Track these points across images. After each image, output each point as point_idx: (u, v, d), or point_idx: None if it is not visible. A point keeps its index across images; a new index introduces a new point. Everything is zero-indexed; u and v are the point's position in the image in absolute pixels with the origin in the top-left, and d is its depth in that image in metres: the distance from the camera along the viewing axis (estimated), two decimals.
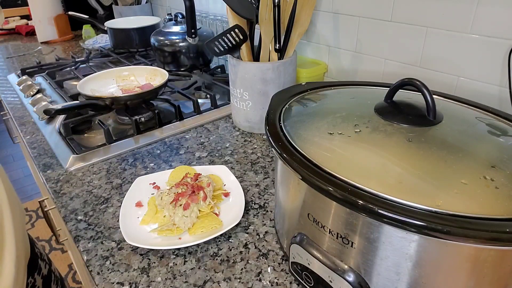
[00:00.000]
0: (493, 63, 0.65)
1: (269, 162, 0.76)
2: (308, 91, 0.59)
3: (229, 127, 0.91)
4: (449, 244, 0.33)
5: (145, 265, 0.53)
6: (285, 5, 0.78)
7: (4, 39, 1.90)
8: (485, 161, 0.39)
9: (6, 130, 1.47)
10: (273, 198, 0.66)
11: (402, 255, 0.35)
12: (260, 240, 0.57)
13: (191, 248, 0.56)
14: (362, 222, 0.36)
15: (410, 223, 0.32)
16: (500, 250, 0.33)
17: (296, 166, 0.39)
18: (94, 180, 0.73)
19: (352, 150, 0.42)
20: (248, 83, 0.81)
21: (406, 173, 0.38)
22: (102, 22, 1.53)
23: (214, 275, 0.51)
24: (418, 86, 0.44)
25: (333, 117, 0.48)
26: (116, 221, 0.61)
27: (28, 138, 0.89)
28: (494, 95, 0.67)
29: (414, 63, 0.77)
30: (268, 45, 0.81)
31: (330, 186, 0.36)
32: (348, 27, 0.87)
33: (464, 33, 0.67)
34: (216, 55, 0.78)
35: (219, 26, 1.24)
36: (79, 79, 0.99)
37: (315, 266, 0.43)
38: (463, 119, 0.49)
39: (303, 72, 0.92)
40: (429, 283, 0.36)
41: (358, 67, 0.89)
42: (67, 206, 0.66)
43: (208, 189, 0.61)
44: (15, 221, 0.50)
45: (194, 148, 0.82)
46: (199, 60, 1.19)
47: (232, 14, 0.79)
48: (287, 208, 0.48)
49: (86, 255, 0.55)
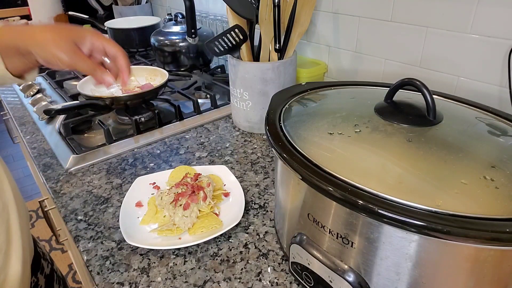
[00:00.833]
0: (493, 63, 0.65)
1: (269, 162, 0.76)
2: (308, 91, 0.58)
3: (229, 127, 0.91)
4: (449, 244, 0.33)
5: (145, 265, 0.53)
6: (285, 5, 0.78)
7: None
8: (485, 161, 0.39)
9: (6, 130, 1.47)
10: (273, 198, 0.66)
11: (402, 255, 0.35)
12: (260, 240, 0.57)
13: (191, 248, 0.56)
14: (362, 222, 0.36)
15: (410, 223, 0.32)
16: (500, 250, 0.33)
17: (296, 166, 0.39)
18: (94, 180, 0.73)
19: (352, 150, 0.42)
20: (248, 83, 0.81)
21: (406, 173, 0.38)
22: (102, 22, 1.53)
23: (214, 275, 0.51)
24: (418, 86, 0.44)
25: (333, 117, 0.48)
26: (116, 221, 0.61)
27: (28, 138, 0.89)
28: (494, 95, 0.67)
29: (414, 63, 0.77)
30: (268, 45, 0.81)
31: (330, 186, 0.36)
32: (348, 27, 0.87)
33: (464, 33, 0.67)
34: (216, 55, 0.78)
35: (219, 26, 1.24)
36: (79, 79, 0.99)
37: (315, 266, 0.43)
38: (463, 119, 0.49)
39: (303, 72, 0.92)
40: (429, 283, 0.36)
41: (358, 67, 0.89)
42: (67, 206, 0.66)
43: (208, 189, 0.61)
44: (21, 220, 0.50)
45: (194, 148, 0.82)
46: (199, 60, 1.19)
47: (232, 14, 0.79)
48: (287, 208, 0.48)
49: (86, 255, 0.55)
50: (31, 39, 0.49)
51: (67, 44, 0.50)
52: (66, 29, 0.51)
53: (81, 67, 0.52)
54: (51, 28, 0.51)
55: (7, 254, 0.46)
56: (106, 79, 0.54)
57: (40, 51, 0.50)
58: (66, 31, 0.51)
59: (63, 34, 0.50)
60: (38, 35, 0.49)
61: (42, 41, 0.49)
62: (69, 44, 0.51)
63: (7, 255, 0.46)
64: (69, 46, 0.50)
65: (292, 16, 0.78)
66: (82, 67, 0.52)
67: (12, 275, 0.47)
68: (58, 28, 0.51)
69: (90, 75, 0.53)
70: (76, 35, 0.52)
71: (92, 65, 0.53)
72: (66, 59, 0.50)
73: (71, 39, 0.51)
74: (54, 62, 0.50)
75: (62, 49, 0.50)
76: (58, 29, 0.51)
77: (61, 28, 0.51)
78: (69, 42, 0.51)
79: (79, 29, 0.53)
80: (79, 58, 0.51)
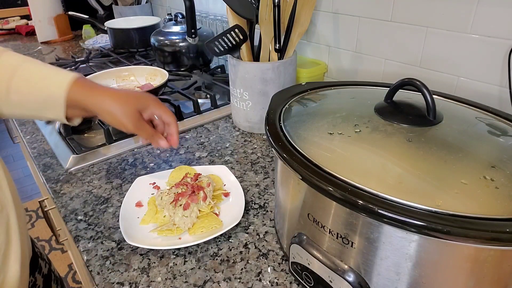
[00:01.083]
0: (493, 63, 0.65)
1: (269, 162, 0.76)
2: (308, 91, 0.59)
3: (229, 127, 0.91)
4: (449, 244, 0.33)
5: (145, 265, 0.53)
6: (285, 5, 0.78)
7: (4, 39, 1.90)
8: (485, 161, 0.39)
9: (6, 130, 1.47)
10: (273, 198, 0.66)
11: (402, 255, 0.35)
12: (260, 240, 0.57)
13: (191, 248, 0.56)
14: (362, 222, 0.36)
15: (410, 223, 0.32)
16: (500, 250, 0.33)
17: (296, 166, 0.39)
18: (94, 180, 0.73)
19: (352, 150, 0.42)
20: (248, 83, 0.81)
21: (406, 173, 0.38)
22: (102, 22, 1.53)
23: (214, 275, 0.51)
24: (418, 86, 0.44)
25: (333, 117, 0.48)
26: (116, 221, 0.61)
27: (28, 138, 0.89)
28: (494, 95, 0.67)
29: (414, 63, 0.77)
30: (268, 45, 0.81)
31: (330, 186, 0.36)
32: (348, 27, 0.87)
33: (464, 33, 0.67)
34: (216, 55, 0.78)
35: (219, 26, 1.24)
36: None
37: (315, 266, 0.43)
38: (463, 119, 0.49)
39: (303, 72, 0.92)
40: (429, 283, 0.36)
41: (358, 67, 0.89)
42: (67, 206, 0.66)
43: (208, 189, 0.61)
44: (19, 221, 0.50)
45: (194, 148, 0.82)
46: (199, 60, 1.19)
47: (232, 14, 0.79)
48: (287, 208, 0.48)
49: (86, 255, 0.55)
50: (101, 104, 0.53)
51: (134, 113, 0.55)
52: (133, 98, 0.56)
53: (142, 134, 0.58)
54: (120, 96, 0.55)
55: (6, 255, 0.46)
56: (161, 144, 0.59)
57: (109, 118, 0.54)
58: (133, 100, 0.56)
59: (131, 103, 0.55)
60: (108, 102, 0.54)
61: (112, 110, 0.54)
62: (135, 114, 0.55)
63: (6, 255, 0.46)
64: (135, 116, 0.55)
65: (292, 16, 0.78)
66: (143, 134, 0.58)
67: (11, 276, 0.47)
68: (126, 97, 0.56)
69: (148, 140, 0.59)
70: (141, 104, 0.57)
71: (151, 132, 0.58)
72: (131, 128, 0.55)
73: (137, 108, 0.56)
74: (118, 127, 0.56)
75: (129, 119, 0.54)
76: (126, 97, 0.55)
77: (128, 96, 0.56)
78: (135, 111, 0.56)
79: (143, 98, 0.58)
80: (142, 128, 0.57)
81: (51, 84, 0.52)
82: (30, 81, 0.52)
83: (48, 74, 0.53)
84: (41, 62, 0.54)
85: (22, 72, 0.52)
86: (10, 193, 0.49)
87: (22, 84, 0.51)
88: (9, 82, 0.51)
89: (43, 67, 0.53)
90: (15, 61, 0.52)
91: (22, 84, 0.51)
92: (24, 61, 0.53)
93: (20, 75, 0.51)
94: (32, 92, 0.52)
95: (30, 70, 0.52)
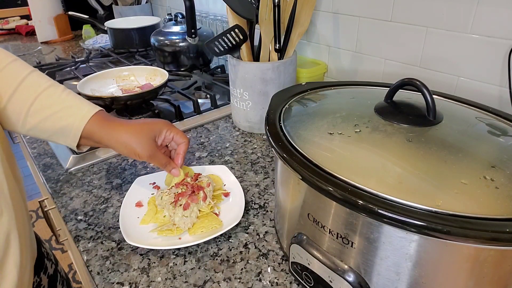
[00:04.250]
0: (493, 63, 0.65)
1: (269, 162, 0.76)
2: (308, 91, 0.59)
3: (229, 127, 0.91)
4: (449, 244, 0.33)
5: (145, 265, 0.53)
6: (285, 5, 0.78)
7: (4, 39, 1.90)
8: (485, 161, 0.39)
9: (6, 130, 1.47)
10: (273, 198, 0.66)
11: (402, 255, 0.35)
12: (260, 240, 0.57)
13: (191, 248, 0.56)
14: (362, 222, 0.36)
15: (410, 223, 0.32)
16: (500, 250, 0.33)
17: (296, 166, 0.39)
18: (94, 180, 0.73)
19: (352, 150, 0.42)
20: (248, 83, 0.81)
21: (406, 173, 0.38)
22: (102, 22, 1.53)
23: (214, 275, 0.51)
24: (418, 86, 0.44)
25: (333, 117, 0.48)
26: (116, 221, 0.61)
27: (28, 138, 0.89)
28: (494, 95, 0.67)
29: (414, 63, 0.77)
30: (268, 45, 0.81)
31: (330, 186, 0.36)
32: (348, 27, 0.87)
33: (464, 33, 0.67)
34: (216, 55, 0.78)
35: (219, 26, 1.24)
36: (79, 79, 0.99)
37: (315, 266, 0.43)
38: (463, 119, 0.49)
39: (303, 72, 0.92)
40: (429, 283, 0.36)
41: (358, 67, 0.89)
42: (67, 206, 0.66)
43: (208, 189, 0.61)
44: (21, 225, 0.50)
45: (194, 148, 0.82)
46: (199, 60, 1.19)
47: (232, 14, 0.79)
48: (287, 208, 0.48)
49: (86, 255, 0.55)
50: (117, 137, 0.55)
51: (149, 144, 0.56)
52: (146, 128, 0.57)
53: (155, 163, 0.59)
54: (135, 128, 0.56)
55: (3, 262, 0.46)
56: (174, 172, 0.61)
57: (124, 149, 0.56)
58: (147, 130, 0.57)
59: (145, 133, 0.57)
60: (124, 135, 0.55)
61: (128, 142, 0.55)
62: (151, 144, 0.57)
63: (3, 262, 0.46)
64: (150, 146, 0.57)
65: (292, 16, 0.78)
66: (157, 164, 0.59)
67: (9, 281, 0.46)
68: (141, 128, 0.57)
69: (162, 168, 0.60)
70: (155, 132, 0.58)
71: (165, 162, 0.60)
72: (145, 157, 0.56)
73: (151, 137, 0.57)
74: (133, 157, 0.57)
75: (144, 150, 0.56)
76: (140, 128, 0.57)
77: (142, 127, 0.57)
78: (151, 141, 0.57)
79: (156, 124, 0.59)
80: (156, 158, 0.58)
81: (70, 115, 0.54)
82: (51, 108, 0.53)
83: (70, 104, 0.55)
84: (64, 88, 0.56)
85: (45, 97, 0.53)
86: (10, 198, 0.48)
87: (41, 110, 0.53)
88: (30, 106, 0.52)
89: (65, 97, 0.55)
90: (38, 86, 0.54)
91: (41, 110, 0.53)
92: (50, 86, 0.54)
93: (42, 100, 0.53)
94: (50, 119, 0.53)
95: (53, 97, 0.54)
